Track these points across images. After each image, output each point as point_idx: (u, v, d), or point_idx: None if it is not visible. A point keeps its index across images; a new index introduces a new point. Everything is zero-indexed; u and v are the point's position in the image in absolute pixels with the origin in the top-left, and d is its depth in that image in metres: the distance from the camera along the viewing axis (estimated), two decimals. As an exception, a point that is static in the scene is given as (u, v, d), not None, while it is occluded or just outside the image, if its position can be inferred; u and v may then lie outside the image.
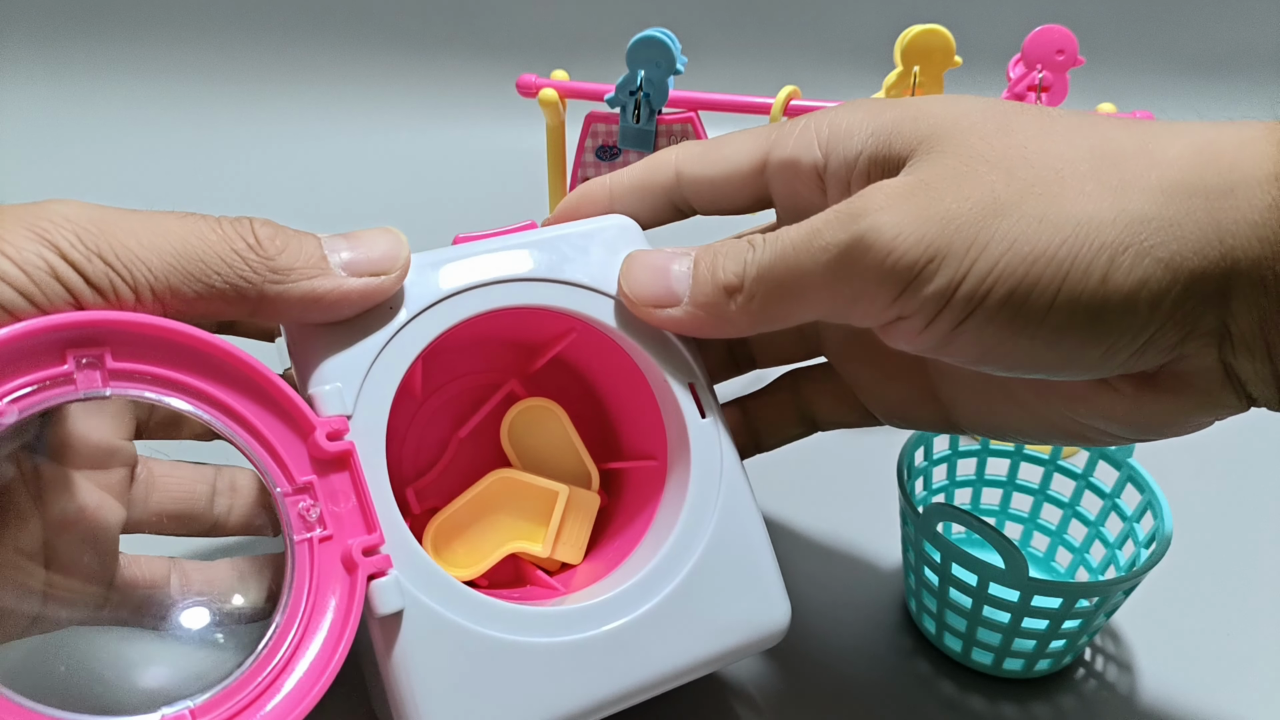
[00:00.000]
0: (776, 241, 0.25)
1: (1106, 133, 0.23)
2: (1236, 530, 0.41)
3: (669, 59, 0.41)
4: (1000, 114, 0.24)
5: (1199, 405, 0.24)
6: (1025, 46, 0.41)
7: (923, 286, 0.23)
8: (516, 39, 0.81)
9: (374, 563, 0.23)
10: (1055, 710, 0.33)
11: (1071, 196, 0.22)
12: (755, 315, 0.26)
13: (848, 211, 0.24)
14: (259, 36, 0.80)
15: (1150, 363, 0.23)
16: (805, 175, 0.27)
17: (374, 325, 0.25)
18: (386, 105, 0.79)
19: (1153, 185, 0.21)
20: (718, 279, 0.26)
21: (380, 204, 0.69)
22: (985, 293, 0.22)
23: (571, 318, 0.28)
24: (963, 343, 0.23)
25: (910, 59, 0.40)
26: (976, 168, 0.23)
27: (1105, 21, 0.81)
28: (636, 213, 0.30)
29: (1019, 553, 0.29)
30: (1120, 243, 0.21)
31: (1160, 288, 0.21)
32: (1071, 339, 0.22)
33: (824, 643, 0.35)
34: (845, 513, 0.41)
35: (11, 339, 0.20)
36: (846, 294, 0.24)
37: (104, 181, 0.70)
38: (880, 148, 0.25)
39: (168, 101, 0.78)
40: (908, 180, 0.23)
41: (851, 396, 0.32)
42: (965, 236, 0.22)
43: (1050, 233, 0.21)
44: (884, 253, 0.23)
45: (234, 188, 0.70)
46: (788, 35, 0.82)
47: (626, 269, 0.28)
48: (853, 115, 0.26)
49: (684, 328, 0.27)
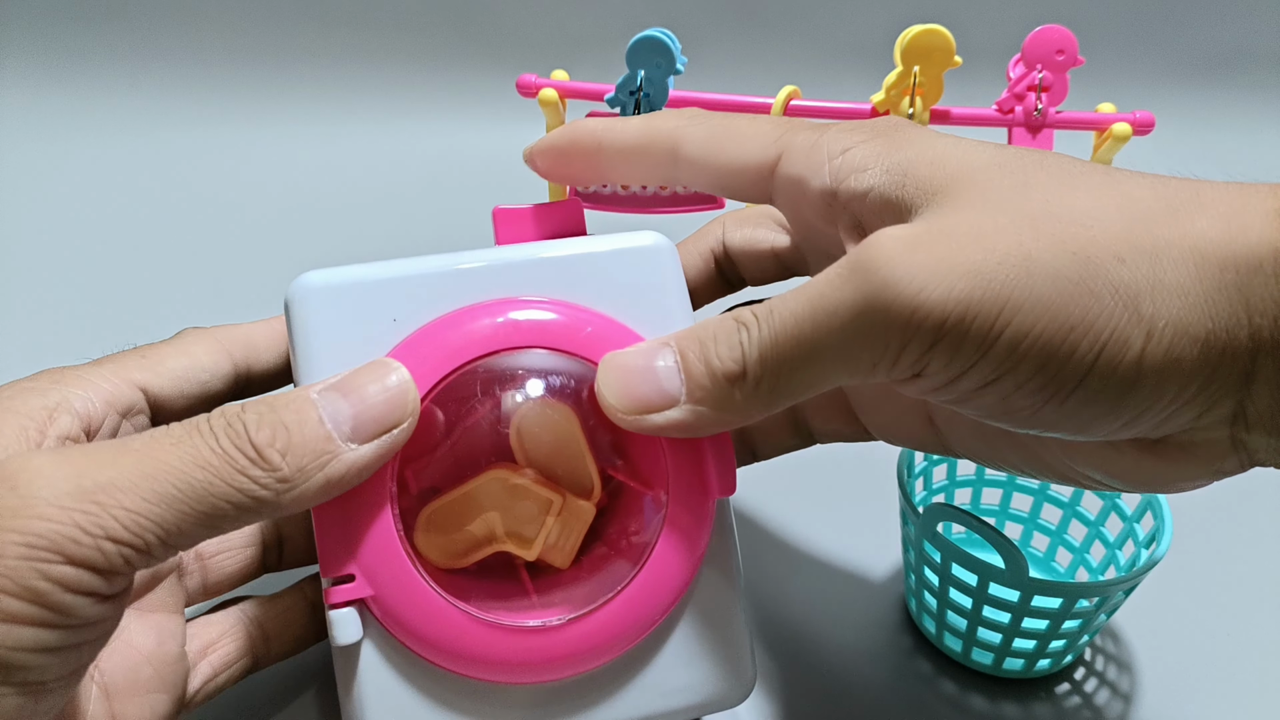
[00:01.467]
0: (775, 316, 0.23)
1: (1130, 191, 0.22)
2: (1236, 530, 0.41)
3: (669, 59, 0.41)
4: (1021, 168, 0.22)
5: (1201, 471, 0.23)
6: (1025, 46, 0.41)
7: (953, 347, 0.21)
8: (516, 39, 0.81)
9: (340, 592, 0.24)
10: (1055, 710, 0.33)
11: (1108, 261, 0.20)
12: (766, 399, 0.23)
13: (856, 266, 0.21)
14: (258, 36, 0.80)
15: (1161, 433, 0.22)
16: (812, 198, 0.25)
17: (374, 334, 0.25)
18: (386, 105, 0.79)
19: (1186, 256, 0.20)
20: (714, 368, 0.23)
21: (380, 204, 0.69)
22: (1019, 359, 0.20)
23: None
24: (984, 401, 0.22)
25: (910, 59, 0.40)
26: (998, 219, 0.21)
27: (1105, 21, 0.81)
28: (626, 175, 0.28)
29: (1019, 553, 0.29)
30: (1157, 315, 0.20)
31: (1193, 367, 0.20)
32: (1095, 409, 0.21)
33: (824, 643, 0.35)
34: (845, 512, 0.41)
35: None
36: (866, 360, 0.22)
37: (105, 183, 0.70)
38: (892, 188, 0.23)
39: (167, 104, 0.78)
40: (922, 227, 0.22)
41: (848, 412, 0.31)
42: (997, 294, 0.20)
43: (1089, 301, 0.20)
44: (908, 309, 0.20)
45: (234, 188, 0.70)
46: (788, 35, 0.82)
47: (604, 377, 0.24)
48: (868, 147, 0.24)
49: (687, 429, 0.24)
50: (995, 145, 0.24)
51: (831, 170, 0.25)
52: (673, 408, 0.24)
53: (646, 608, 0.25)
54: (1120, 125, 0.40)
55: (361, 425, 0.22)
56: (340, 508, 0.24)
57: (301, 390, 0.22)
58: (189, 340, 0.27)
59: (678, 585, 0.26)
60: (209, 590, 0.30)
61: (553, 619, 0.25)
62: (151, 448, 0.20)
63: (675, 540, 0.26)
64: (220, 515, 0.20)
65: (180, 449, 0.20)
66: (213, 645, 0.28)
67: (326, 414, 0.22)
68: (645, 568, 0.25)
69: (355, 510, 0.24)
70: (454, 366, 0.25)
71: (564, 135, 0.29)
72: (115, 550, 0.19)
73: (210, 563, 0.29)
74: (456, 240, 0.28)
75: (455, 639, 0.24)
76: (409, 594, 0.24)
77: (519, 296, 0.26)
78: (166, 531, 0.19)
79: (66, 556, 0.18)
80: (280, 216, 0.66)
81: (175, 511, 0.19)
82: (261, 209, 0.67)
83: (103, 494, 0.19)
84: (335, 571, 0.24)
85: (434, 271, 0.26)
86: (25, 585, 0.18)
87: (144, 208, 0.67)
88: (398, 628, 0.24)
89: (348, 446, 0.22)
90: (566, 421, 0.29)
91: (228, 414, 0.21)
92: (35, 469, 0.19)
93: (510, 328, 0.26)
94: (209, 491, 0.20)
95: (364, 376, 0.23)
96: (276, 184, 0.71)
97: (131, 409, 0.25)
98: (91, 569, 0.18)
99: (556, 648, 0.25)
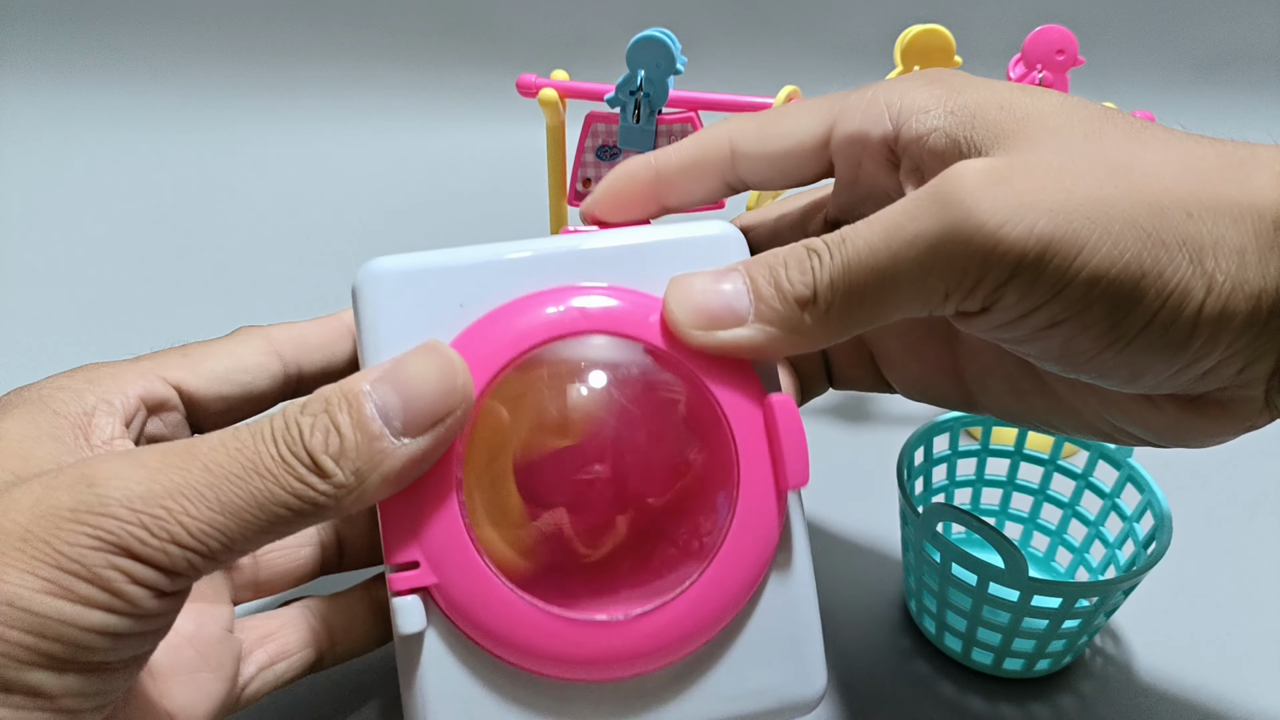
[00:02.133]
0: (848, 244, 0.23)
1: (1193, 149, 0.22)
2: (1236, 530, 0.41)
3: (669, 59, 0.41)
4: (1089, 117, 0.23)
5: (1232, 426, 0.24)
6: (1025, 46, 0.41)
7: (1029, 283, 0.21)
8: (516, 39, 0.81)
9: (404, 579, 0.24)
10: (1055, 710, 0.33)
11: (1179, 215, 0.21)
12: (835, 326, 0.23)
13: (935, 197, 0.21)
14: (258, 37, 0.80)
15: (1202, 388, 0.23)
16: (874, 149, 0.25)
17: (441, 320, 0.25)
18: (386, 105, 0.79)
19: (1245, 214, 0.21)
20: (785, 291, 0.23)
21: (380, 204, 0.69)
22: (1090, 301, 0.21)
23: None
24: (1046, 342, 0.22)
25: (910, 59, 0.40)
26: (1076, 163, 0.21)
27: (1105, 21, 0.81)
28: (688, 193, 0.29)
29: (1019, 553, 0.29)
30: (1217, 270, 0.21)
31: (1243, 322, 0.21)
32: (1151, 357, 0.22)
33: (824, 642, 0.35)
34: (845, 513, 0.41)
35: None
36: (940, 290, 0.22)
37: (107, 185, 0.70)
38: (960, 129, 0.23)
39: (169, 107, 0.78)
40: (1002, 162, 0.22)
41: (869, 360, 0.31)
42: (1076, 235, 0.20)
43: (1160, 252, 0.20)
44: (990, 242, 0.21)
45: (235, 189, 0.70)
46: (788, 35, 0.82)
47: (673, 294, 0.24)
48: (928, 90, 0.24)
49: (754, 350, 0.24)
50: (1056, 93, 0.24)
51: (892, 115, 0.25)
52: (741, 326, 0.24)
53: (715, 605, 0.25)
54: (1120, 125, 0.40)
55: (413, 418, 0.22)
56: (405, 494, 0.23)
57: (355, 381, 0.22)
58: (238, 339, 0.28)
59: (749, 580, 0.25)
60: (260, 587, 0.30)
61: (620, 614, 0.24)
62: (218, 453, 0.20)
63: (745, 534, 0.25)
64: (281, 521, 0.20)
65: (244, 455, 0.20)
66: (271, 635, 0.28)
67: (378, 408, 0.21)
68: (714, 563, 0.25)
69: (420, 497, 0.24)
70: (519, 351, 0.25)
71: (619, 177, 0.29)
72: (180, 554, 0.19)
73: (263, 560, 0.29)
74: (456, 239, 0.28)
75: (518, 630, 0.24)
76: (473, 583, 0.24)
77: (584, 284, 0.26)
78: (230, 538, 0.20)
79: (133, 554, 0.19)
80: (280, 217, 0.66)
81: (238, 520, 0.20)
82: (261, 208, 0.67)
83: (170, 500, 0.19)
84: (399, 558, 0.24)
85: (500, 259, 0.26)
86: (96, 573, 0.19)
87: (144, 207, 0.67)
88: (461, 617, 0.24)
89: (400, 442, 0.21)
90: (638, 412, 0.27)
91: (287, 416, 0.21)
92: (112, 470, 0.19)
93: (576, 314, 0.25)
94: (270, 500, 0.20)
95: (413, 366, 0.22)
96: (277, 185, 0.71)
97: (164, 405, 0.25)
98: (156, 567, 0.19)
99: (623, 644, 0.24)
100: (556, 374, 0.26)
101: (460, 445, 0.24)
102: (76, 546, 0.19)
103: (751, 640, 0.26)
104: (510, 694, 0.25)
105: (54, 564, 0.18)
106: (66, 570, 0.18)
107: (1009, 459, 0.38)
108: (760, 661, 0.26)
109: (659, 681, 0.25)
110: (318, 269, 0.60)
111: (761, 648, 0.26)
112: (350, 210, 0.68)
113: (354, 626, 0.30)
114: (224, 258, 0.61)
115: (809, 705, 0.26)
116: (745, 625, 0.26)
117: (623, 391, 0.26)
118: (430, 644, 0.24)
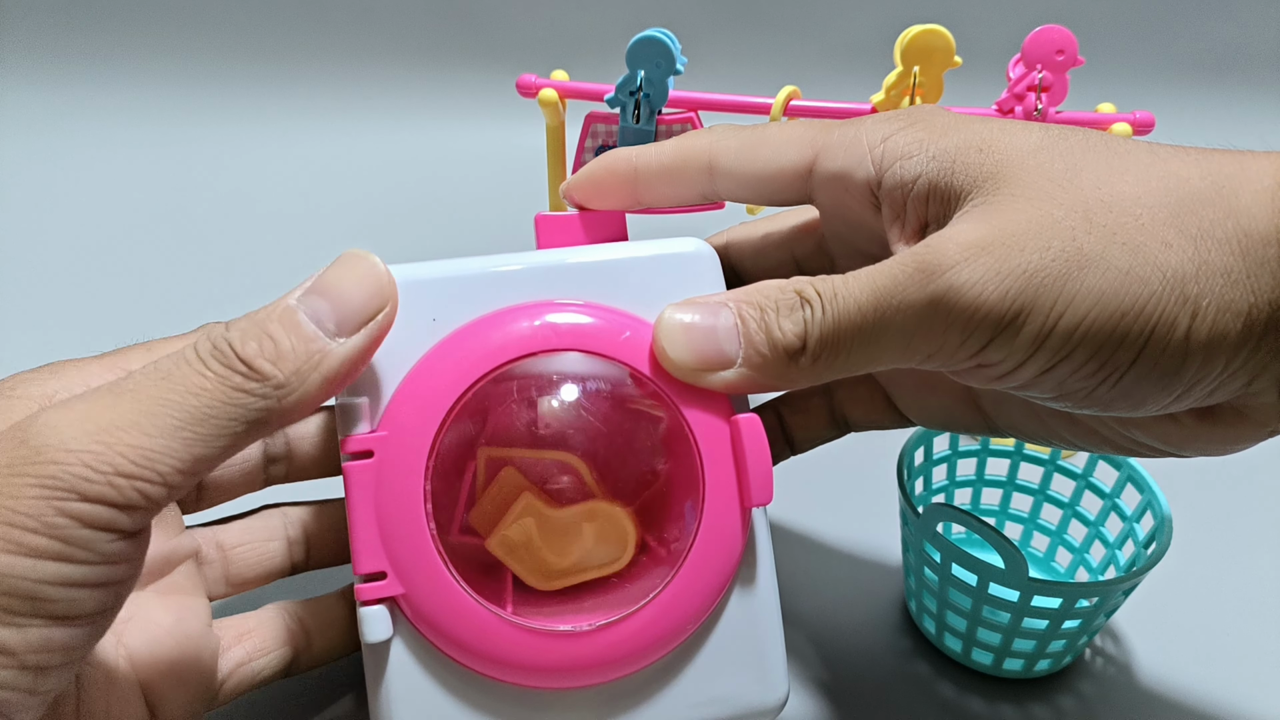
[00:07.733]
0: (839, 300, 0.23)
1: (1177, 171, 0.22)
2: (1236, 530, 0.41)
3: (669, 59, 0.41)
4: (1068, 152, 0.23)
5: (1252, 432, 0.24)
6: (1025, 46, 0.41)
7: (1009, 340, 0.22)
8: (516, 39, 0.81)
9: (371, 589, 0.24)
10: (1055, 711, 0.33)
11: (1155, 248, 0.21)
12: (819, 374, 0.24)
13: (921, 267, 0.22)
14: (259, 37, 0.80)
15: (1213, 401, 0.23)
16: (856, 190, 0.26)
17: (413, 333, 0.25)
18: (386, 105, 0.79)
19: (1230, 235, 0.21)
20: (775, 339, 0.24)
21: (380, 205, 0.69)
22: (1073, 347, 0.22)
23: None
24: (1041, 386, 0.23)
25: (910, 59, 0.40)
26: (1053, 212, 0.22)
27: (1105, 21, 0.81)
28: (663, 195, 0.29)
29: (1019, 553, 0.29)
30: (1201, 294, 0.21)
31: (1238, 340, 0.21)
32: (1147, 387, 0.22)
33: (824, 643, 0.35)
34: (845, 513, 0.41)
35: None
36: (924, 349, 0.23)
37: (107, 184, 0.70)
38: (941, 175, 0.24)
39: (166, 104, 0.78)
40: (983, 230, 0.22)
41: (885, 400, 0.32)
42: (1050, 290, 0.21)
43: (1138, 288, 0.21)
44: (969, 310, 0.22)
45: (234, 189, 0.70)
46: (788, 35, 0.82)
47: (664, 332, 0.25)
48: (910, 134, 0.25)
49: (738, 389, 0.25)
50: (1038, 126, 0.24)
51: (874, 159, 0.25)
52: (729, 369, 0.25)
53: (679, 616, 0.25)
54: (1120, 125, 0.40)
55: (345, 318, 0.22)
56: (373, 504, 0.24)
57: (279, 300, 0.23)
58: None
59: (711, 594, 0.26)
60: (231, 583, 0.30)
61: (584, 624, 0.25)
62: (144, 386, 0.20)
63: (710, 548, 0.26)
64: (230, 433, 0.21)
65: (170, 382, 0.21)
66: (249, 633, 0.28)
67: (308, 315, 0.22)
68: (679, 575, 0.25)
69: (388, 507, 0.24)
70: (492, 367, 0.25)
71: (599, 166, 0.29)
72: (128, 484, 0.19)
73: (232, 554, 0.30)
74: (455, 239, 0.28)
75: (484, 640, 0.24)
76: (439, 593, 0.24)
77: (558, 300, 0.26)
78: (180, 459, 0.20)
79: (80, 494, 0.19)
80: (280, 218, 0.66)
81: (180, 440, 0.20)
82: (261, 209, 0.67)
83: (105, 435, 0.19)
84: (367, 568, 0.24)
85: (474, 273, 0.26)
86: (45, 521, 0.19)
87: (144, 206, 0.67)
88: (427, 627, 0.24)
89: (336, 341, 0.22)
90: (604, 428, 0.28)
91: (212, 336, 0.22)
92: (44, 421, 0.20)
93: (548, 330, 0.26)
94: (209, 415, 0.20)
95: (338, 272, 0.23)
96: (275, 185, 0.71)
97: None
98: (107, 504, 0.19)
99: (587, 653, 0.25)
100: (525, 388, 0.27)
101: (427, 457, 0.24)
102: (22, 499, 0.19)
103: (716, 650, 0.26)
104: (475, 701, 0.25)
105: (2, 520, 0.18)
106: (15, 525, 0.18)
107: (1009, 459, 0.38)
108: (724, 670, 0.26)
109: (624, 688, 0.26)
110: (317, 268, 0.59)
111: (725, 657, 0.26)
112: (350, 209, 0.68)
113: (331, 629, 0.30)
114: (223, 256, 0.61)
115: (771, 712, 0.27)
116: (710, 635, 0.26)
117: (592, 407, 0.27)
118: (396, 652, 0.25)
